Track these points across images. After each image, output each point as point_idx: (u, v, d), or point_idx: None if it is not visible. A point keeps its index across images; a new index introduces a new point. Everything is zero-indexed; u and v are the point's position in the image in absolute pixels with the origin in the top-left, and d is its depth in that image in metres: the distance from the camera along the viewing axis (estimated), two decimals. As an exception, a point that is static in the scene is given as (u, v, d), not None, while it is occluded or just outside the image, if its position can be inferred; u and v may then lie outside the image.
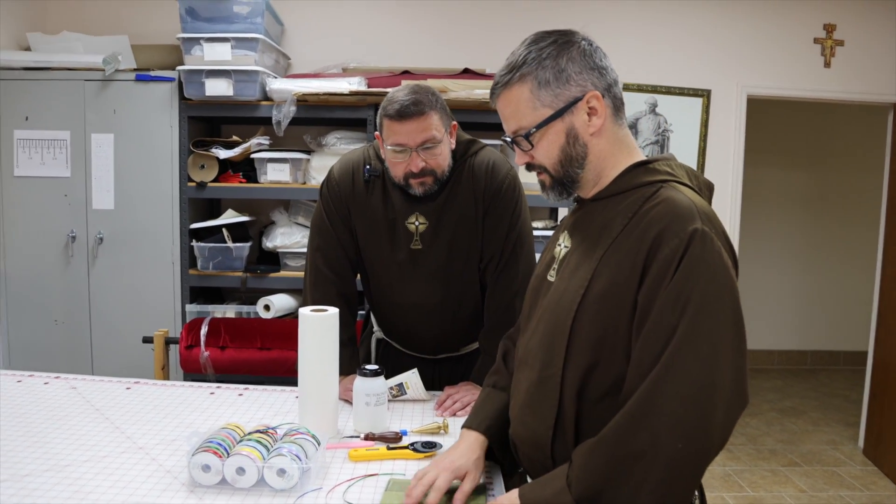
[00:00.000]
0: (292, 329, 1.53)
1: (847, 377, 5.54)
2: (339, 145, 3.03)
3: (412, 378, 1.76)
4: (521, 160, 1.20)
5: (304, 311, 1.49)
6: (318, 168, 3.05)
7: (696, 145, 3.72)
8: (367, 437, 1.51)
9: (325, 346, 1.50)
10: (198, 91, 2.93)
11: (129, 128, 3.02)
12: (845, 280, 5.76)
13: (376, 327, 2.08)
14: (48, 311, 3.11)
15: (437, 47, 3.52)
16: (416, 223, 1.81)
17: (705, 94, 3.70)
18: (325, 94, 2.93)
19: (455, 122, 1.78)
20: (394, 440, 1.48)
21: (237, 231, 3.14)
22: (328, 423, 1.52)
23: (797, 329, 5.83)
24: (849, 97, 3.81)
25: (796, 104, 4.51)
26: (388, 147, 1.70)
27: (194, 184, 3.02)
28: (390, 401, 1.72)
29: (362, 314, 2.17)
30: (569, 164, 1.15)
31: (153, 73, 3.01)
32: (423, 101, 1.65)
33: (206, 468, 1.24)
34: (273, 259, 3.17)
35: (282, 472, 1.23)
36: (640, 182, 1.13)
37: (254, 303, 3.01)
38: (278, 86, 2.95)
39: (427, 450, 1.42)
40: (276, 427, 1.39)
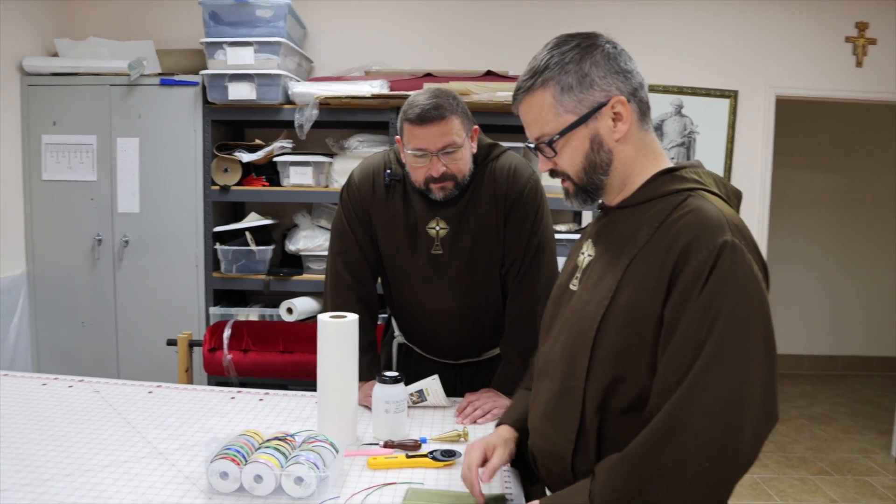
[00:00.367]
0: (314, 332, 1.52)
1: (879, 383, 5.41)
2: (361, 148, 3.03)
3: (432, 385, 1.74)
4: (545, 167, 1.18)
5: (322, 318, 1.48)
6: (340, 171, 3.05)
7: (723, 147, 3.66)
8: (387, 445, 1.50)
9: (344, 352, 1.49)
10: (221, 95, 2.95)
11: (154, 132, 3.05)
12: (877, 283, 5.64)
13: (398, 332, 2.07)
14: (75, 313, 3.15)
15: (459, 49, 3.50)
16: (437, 228, 1.79)
17: (732, 95, 3.64)
18: (348, 98, 2.93)
19: (476, 126, 1.77)
20: (413, 448, 1.47)
21: (260, 234, 3.15)
22: (347, 429, 1.51)
23: (827, 333, 5.71)
24: (882, 97, 3.72)
25: (826, 104, 4.41)
26: (408, 151, 1.69)
27: (218, 187, 3.04)
28: (410, 407, 1.71)
29: (384, 317, 2.16)
30: (593, 171, 1.13)
31: (177, 78, 3.03)
32: (443, 106, 1.63)
33: (224, 475, 1.24)
34: (296, 262, 3.18)
35: (299, 480, 1.22)
36: (667, 190, 1.09)
37: (277, 306, 3.02)
38: (301, 89, 2.96)
39: (446, 458, 1.40)
40: (294, 434, 1.38)
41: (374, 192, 1.83)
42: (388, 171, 1.82)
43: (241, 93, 2.94)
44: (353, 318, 1.50)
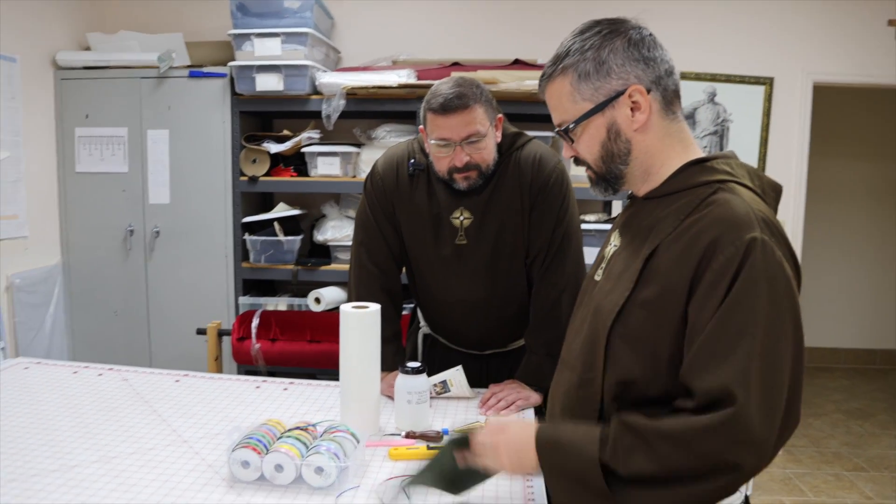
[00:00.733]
0: (341, 322, 1.52)
1: (920, 378, 5.27)
2: (388, 138, 3.02)
3: (456, 375, 1.74)
4: (567, 154, 1.17)
5: (345, 308, 1.48)
6: (367, 161, 3.05)
7: (757, 136, 3.57)
8: (408, 436, 1.49)
9: (366, 343, 1.49)
10: (249, 86, 2.96)
11: (184, 124, 3.08)
12: (919, 275, 5.48)
13: (423, 322, 2.06)
14: (108, 302, 3.20)
15: (487, 37, 3.47)
16: (461, 218, 1.78)
17: (768, 82, 3.55)
18: (374, 88, 2.92)
19: (501, 115, 1.74)
20: (435, 439, 1.46)
21: (289, 224, 3.17)
22: (369, 420, 1.51)
23: (866, 326, 5.57)
24: (925, 83, 3.59)
25: (866, 91, 4.28)
26: (431, 141, 1.67)
27: (246, 178, 3.07)
28: (433, 398, 1.70)
29: (411, 306, 2.15)
30: (610, 160, 1.10)
31: (206, 70, 3.06)
32: (467, 95, 1.61)
33: (246, 464, 1.25)
34: (324, 252, 3.19)
35: (319, 469, 1.23)
36: (695, 182, 1.06)
37: (305, 295, 3.04)
38: (328, 80, 2.96)
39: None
40: (316, 424, 1.38)
41: (398, 182, 1.82)
42: (412, 161, 1.81)
43: (268, 84, 2.95)
44: (374, 308, 1.50)
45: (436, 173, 1.75)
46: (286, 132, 3.08)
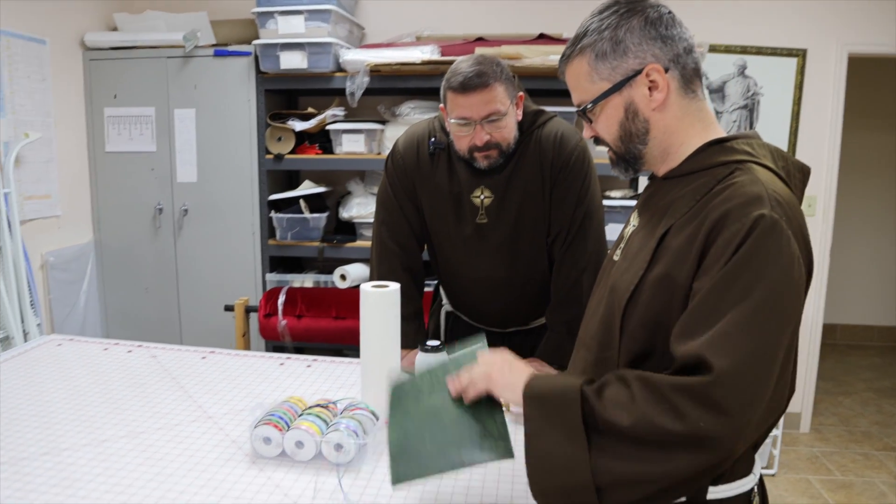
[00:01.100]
0: (367, 298, 1.54)
1: (955, 355, 5.17)
2: (412, 115, 3.02)
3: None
4: (588, 134, 1.17)
5: (365, 288, 1.49)
6: (392, 138, 3.05)
7: (788, 110, 3.49)
8: (428, 413, 1.51)
9: (386, 321, 1.50)
10: (273, 64, 2.97)
11: (210, 102, 3.10)
12: (957, 251, 5.34)
13: (445, 300, 2.08)
14: (139, 279, 3.27)
15: (511, 12, 3.42)
16: (482, 197, 1.77)
17: (800, 54, 3.46)
18: (398, 64, 2.91)
19: (522, 93, 1.73)
20: (454, 417, 1.48)
21: (314, 202, 3.20)
22: (389, 397, 1.53)
23: (900, 303, 5.47)
24: (966, 53, 3.47)
25: (905, 61, 4.15)
26: (451, 120, 1.67)
27: (272, 156, 3.09)
28: (454, 376, 1.71)
29: (434, 283, 2.16)
30: (629, 140, 1.09)
31: (230, 48, 3.07)
32: (487, 73, 1.60)
33: (267, 441, 1.28)
34: (349, 229, 3.21)
35: (338, 446, 1.25)
36: (713, 162, 1.05)
37: (331, 272, 3.07)
38: (351, 56, 2.96)
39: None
40: (336, 401, 1.41)
41: (419, 160, 1.82)
42: (433, 140, 1.80)
43: (292, 62, 2.96)
44: (394, 287, 1.51)
45: (456, 152, 1.75)
46: (311, 110, 3.09)
